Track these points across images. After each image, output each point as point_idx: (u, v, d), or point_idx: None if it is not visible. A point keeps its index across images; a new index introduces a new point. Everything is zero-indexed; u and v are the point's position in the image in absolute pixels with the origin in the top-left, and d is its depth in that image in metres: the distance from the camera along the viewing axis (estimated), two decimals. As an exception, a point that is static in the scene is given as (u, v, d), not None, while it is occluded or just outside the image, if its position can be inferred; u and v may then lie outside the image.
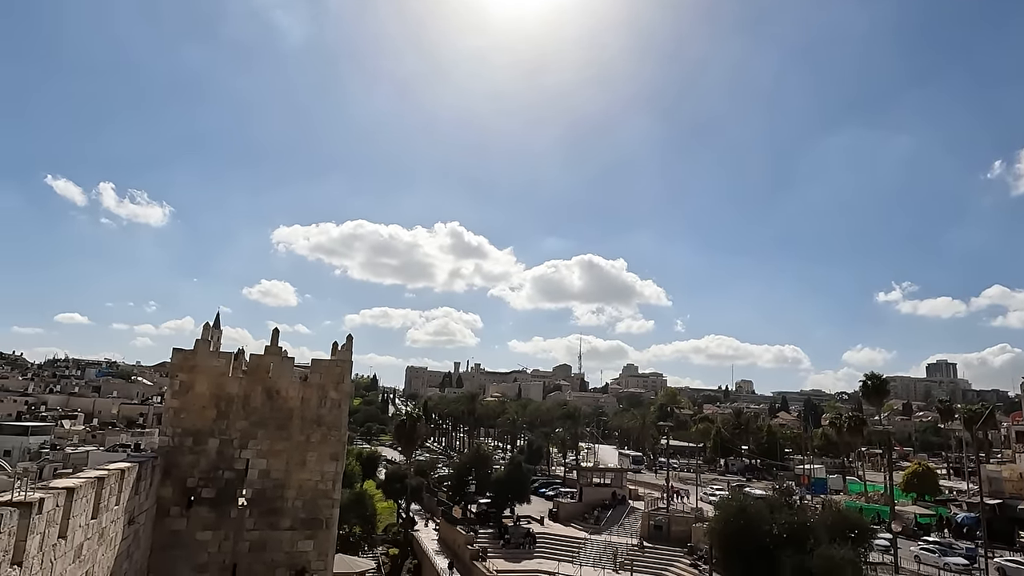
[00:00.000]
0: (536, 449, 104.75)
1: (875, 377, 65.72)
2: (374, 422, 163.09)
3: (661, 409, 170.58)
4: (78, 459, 72.02)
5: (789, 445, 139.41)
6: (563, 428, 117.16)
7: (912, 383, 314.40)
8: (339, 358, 30.17)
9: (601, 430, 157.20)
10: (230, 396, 27.78)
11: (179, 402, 27.20)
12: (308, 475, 28.23)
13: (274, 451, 27.90)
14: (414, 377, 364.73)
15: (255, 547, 26.89)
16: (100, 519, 17.52)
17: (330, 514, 28.44)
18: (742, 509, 30.83)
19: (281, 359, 29.24)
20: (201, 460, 26.91)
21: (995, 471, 71.71)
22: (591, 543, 57.94)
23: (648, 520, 59.75)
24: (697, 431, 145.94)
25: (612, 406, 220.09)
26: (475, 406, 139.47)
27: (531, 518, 64.20)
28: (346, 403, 29.85)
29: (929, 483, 78.27)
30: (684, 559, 52.01)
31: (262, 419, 28.00)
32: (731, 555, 30.15)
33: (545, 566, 53.35)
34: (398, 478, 72.77)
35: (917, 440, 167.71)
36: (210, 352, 28.50)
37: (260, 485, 27.44)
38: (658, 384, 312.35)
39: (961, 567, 43.61)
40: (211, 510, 26.44)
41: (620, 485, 72.59)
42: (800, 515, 32.26)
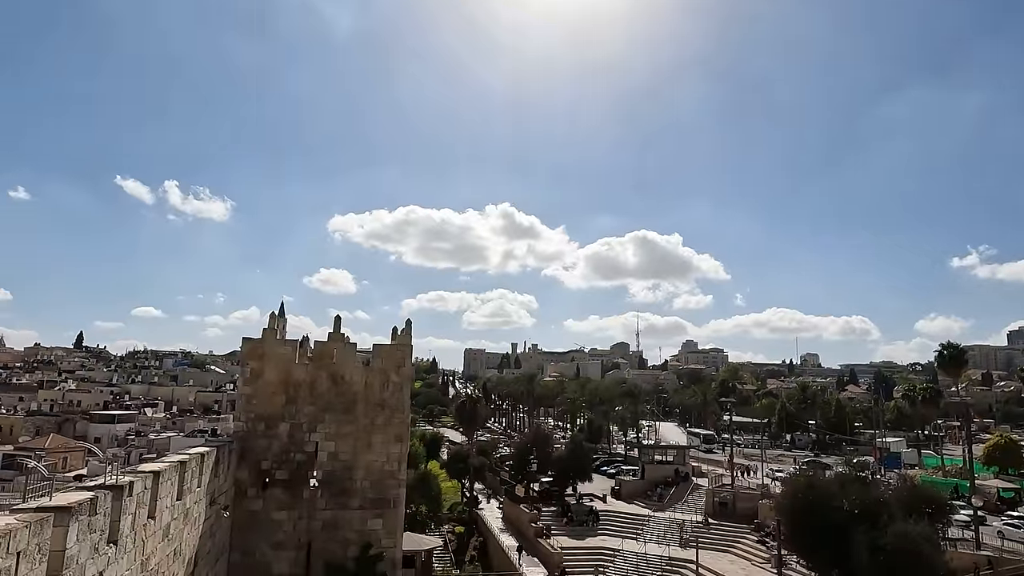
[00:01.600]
0: (596, 428, 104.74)
1: (951, 346, 62.85)
2: (435, 404, 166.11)
3: (723, 385, 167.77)
4: (161, 444, 76.29)
5: (859, 419, 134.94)
6: (623, 406, 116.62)
7: (992, 351, 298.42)
8: (399, 343, 30.90)
9: (662, 407, 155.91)
10: (298, 382, 28.91)
11: (251, 389, 28.47)
12: (374, 456, 29.20)
13: (341, 434, 28.94)
14: (472, 359, 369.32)
15: (327, 526, 28.07)
16: (184, 500, 18.58)
17: (397, 493, 29.38)
18: (811, 485, 30.21)
19: (344, 345, 30.19)
20: (273, 444, 28.19)
21: (1086, 442, 67.76)
22: (655, 520, 57.78)
23: (713, 497, 59.10)
24: (761, 406, 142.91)
25: (672, 383, 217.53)
26: (533, 386, 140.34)
27: (593, 496, 64.39)
28: (407, 386, 30.60)
29: (1012, 456, 74.48)
30: (751, 536, 51.31)
31: (328, 403, 29.05)
32: (800, 532, 29.60)
33: (609, 543, 53.57)
34: (461, 458, 74.13)
35: (998, 411, 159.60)
36: (277, 340, 29.67)
37: (330, 467, 28.56)
38: (719, 360, 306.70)
39: (1049, 543, 41.54)
40: (285, 491, 27.71)
41: (683, 462, 71.95)
42: (873, 490, 31.36)
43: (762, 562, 45.46)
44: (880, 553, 25.39)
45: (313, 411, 28.87)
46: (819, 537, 28.29)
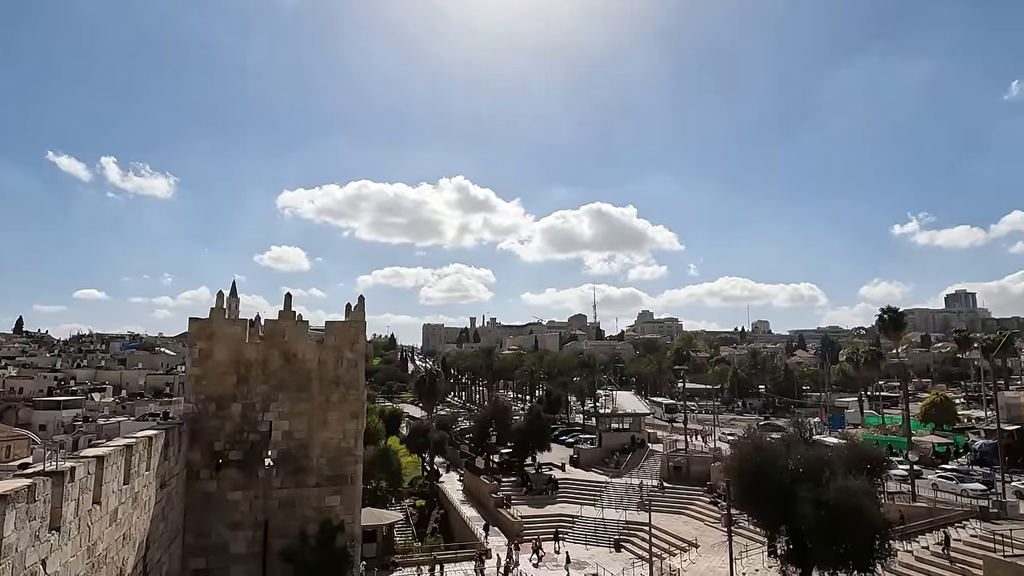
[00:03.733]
0: (555, 399, 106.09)
1: (892, 311, 65.62)
2: (394, 380, 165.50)
3: (677, 353, 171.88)
4: (110, 429, 74.23)
5: (807, 382, 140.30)
6: (580, 377, 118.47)
7: (930, 315, 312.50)
8: (352, 319, 30.61)
9: (618, 377, 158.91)
10: (249, 361, 28.41)
11: (200, 370, 27.86)
12: (330, 434, 29.03)
13: (295, 412, 28.65)
14: (431, 334, 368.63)
15: (284, 504, 27.90)
16: (132, 484, 18.19)
17: (354, 470, 29.34)
18: (758, 447, 31.25)
19: (295, 323, 29.76)
20: (226, 424, 27.74)
21: (1013, 397, 71.88)
22: (612, 486, 59.26)
23: (667, 462, 60.84)
24: (714, 373, 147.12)
25: (628, 353, 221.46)
26: (492, 360, 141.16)
27: (552, 465, 65.56)
28: (362, 362, 30.40)
29: (947, 413, 78.61)
30: (704, 497, 53.13)
31: (282, 382, 28.67)
32: (748, 492, 30.65)
33: (568, 510, 54.79)
34: (421, 433, 74.34)
35: (936, 371, 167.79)
36: (226, 320, 29.05)
37: (285, 445, 28.30)
38: (674, 329, 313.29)
39: (978, 492, 44.13)
40: (239, 471, 27.38)
41: (639, 430, 73.72)
42: (816, 450, 32.65)
43: (714, 522, 47.20)
44: (823, 508, 26.49)
45: (266, 390, 28.46)
46: (766, 496, 29.33)
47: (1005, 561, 28.53)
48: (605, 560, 43.77)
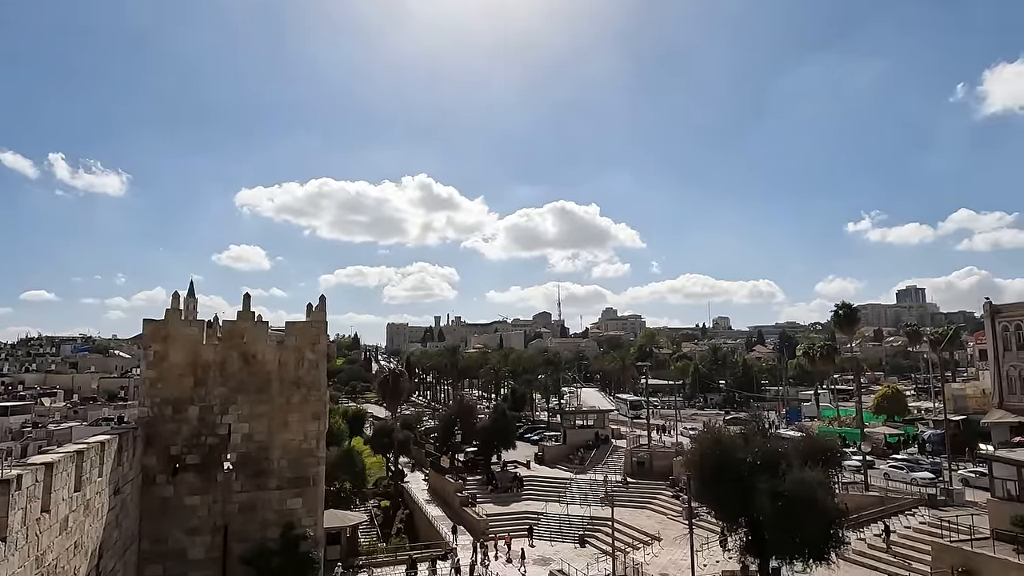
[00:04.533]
0: (520, 396, 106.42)
1: (846, 306, 67.23)
2: (358, 380, 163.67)
3: (640, 350, 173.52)
4: (61, 435, 71.67)
5: (765, 377, 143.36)
6: (545, 375, 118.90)
7: (883, 310, 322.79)
8: (313, 319, 30.22)
9: (583, 374, 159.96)
10: (206, 363, 27.83)
11: (155, 372, 27.19)
12: (291, 435, 28.62)
13: (255, 414, 28.16)
14: (395, 334, 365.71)
15: (244, 508, 27.41)
16: (84, 491, 17.68)
17: (316, 471, 28.98)
18: (717, 441, 31.82)
19: (255, 324, 29.26)
20: (183, 428, 27.12)
21: (959, 389, 74.65)
22: (576, 482, 59.75)
23: (631, 457, 61.62)
24: (676, 369, 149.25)
25: (593, 350, 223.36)
26: (457, 358, 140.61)
27: (518, 463, 65.78)
28: (323, 363, 30.02)
29: (898, 404, 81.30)
30: (666, 492, 53.97)
31: (241, 384, 28.15)
32: (708, 485, 31.19)
33: (533, 507, 55.07)
34: (385, 433, 73.78)
35: (887, 364, 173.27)
36: (182, 321, 28.44)
37: (244, 448, 27.80)
38: (637, 326, 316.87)
39: (927, 481, 45.79)
40: (197, 475, 26.80)
41: (603, 426, 74.45)
42: (773, 443, 33.39)
43: (676, 515, 47.97)
44: (779, 500, 27.13)
45: (225, 392, 27.90)
46: (726, 489, 29.91)
47: (951, 546, 29.67)
48: (570, 556, 44.12)
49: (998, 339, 65.21)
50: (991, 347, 66.22)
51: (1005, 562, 26.69)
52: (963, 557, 28.48)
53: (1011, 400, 63.36)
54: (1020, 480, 30.32)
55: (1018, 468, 30.73)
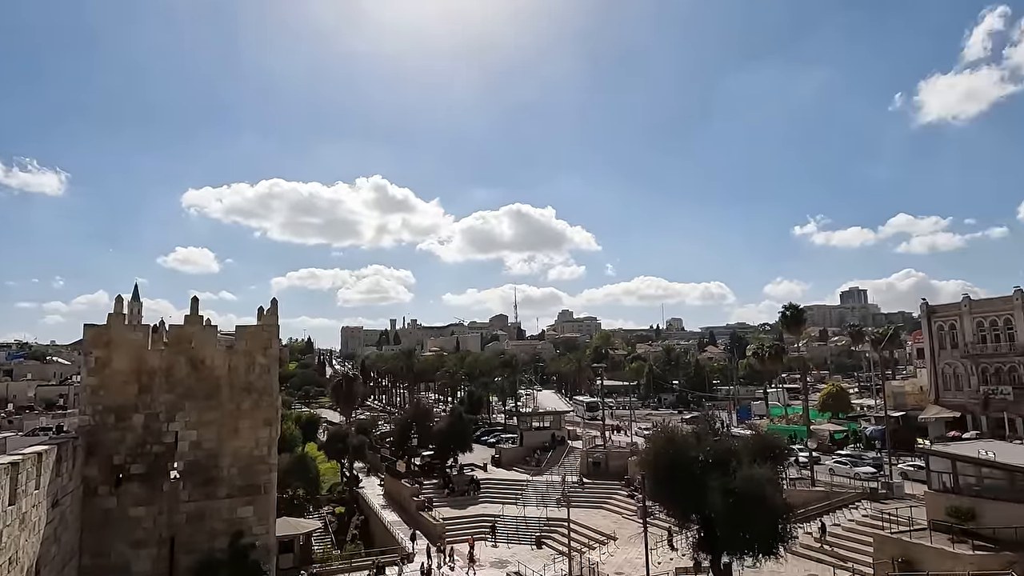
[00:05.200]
0: (476, 399, 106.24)
1: (793, 307, 69.21)
2: (312, 385, 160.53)
3: (596, 352, 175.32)
4: (-6, 447, 68.32)
5: (717, 377, 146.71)
6: (502, 377, 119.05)
7: (828, 311, 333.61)
8: (265, 323, 29.58)
9: (539, 376, 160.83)
10: (152, 369, 26.96)
11: (96, 379, 26.21)
12: (242, 442, 27.96)
13: (204, 421, 27.41)
14: (350, 337, 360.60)
15: (192, 518, 26.64)
16: (19, 504, 16.92)
17: (268, 479, 28.37)
18: (671, 440, 32.36)
19: (203, 328, 28.51)
20: (127, 436, 26.20)
21: (899, 386, 77.93)
22: (533, 484, 59.91)
23: (587, 458, 62.15)
24: (631, 370, 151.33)
25: (549, 352, 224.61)
26: (413, 361, 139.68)
27: (474, 466, 65.62)
28: (275, 368, 29.43)
29: (842, 402, 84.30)
30: (622, 491, 54.60)
31: (188, 390, 27.36)
32: (662, 484, 31.69)
33: (490, 510, 54.97)
34: (339, 438, 72.65)
35: (832, 363, 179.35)
36: (126, 326, 27.49)
37: (192, 456, 27.03)
38: (592, 328, 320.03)
39: (869, 475, 47.57)
40: (142, 485, 25.93)
41: (559, 427, 74.89)
42: (724, 441, 34.15)
43: (631, 515, 48.56)
44: (730, 496, 27.77)
45: (171, 399, 27.07)
46: (679, 487, 30.44)
47: (891, 538, 30.88)
48: (527, 557, 44.21)
49: (934, 338, 68.30)
50: (927, 346, 69.31)
51: (941, 551, 27.94)
52: (902, 548, 29.68)
53: (946, 396, 66.46)
54: (955, 473, 31.73)
55: (952, 461, 32.14)
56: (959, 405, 64.17)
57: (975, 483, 31.07)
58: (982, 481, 30.88)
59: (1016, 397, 58.63)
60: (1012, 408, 58.93)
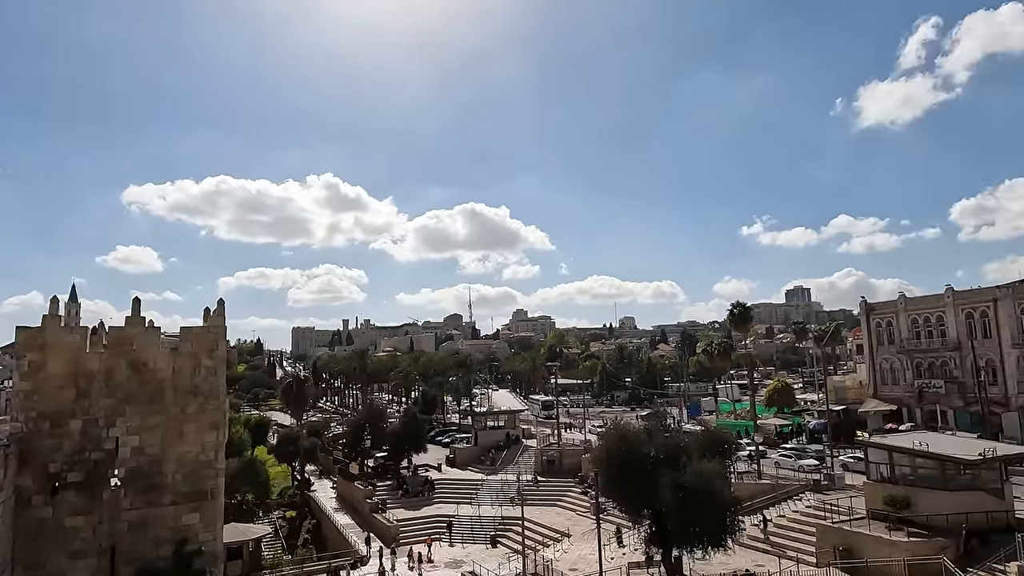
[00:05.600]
0: (431, 399, 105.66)
1: (740, 305, 71.04)
2: (261, 387, 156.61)
3: (550, 351, 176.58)
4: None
5: (668, 374, 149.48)
6: (457, 377, 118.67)
7: (774, 308, 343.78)
8: (211, 324, 28.79)
9: (494, 375, 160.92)
10: (90, 373, 25.94)
11: (30, 384, 25.08)
12: (187, 447, 27.16)
13: (147, 426, 26.51)
14: (301, 338, 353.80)
15: (135, 526, 25.75)
16: (-56, 517, 16.01)
17: (215, 484, 27.63)
18: (623, 437, 32.80)
19: (145, 330, 27.57)
20: (64, 443, 25.15)
21: (840, 381, 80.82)
22: (488, 483, 59.98)
23: (541, 456, 62.54)
24: (584, 368, 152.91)
25: (504, 351, 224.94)
26: (366, 362, 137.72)
27: (429, 466, 65.28)
28: (222, 370, 28.67)
29: (787, 397, 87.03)
30: (575, 488, 55.14)
31: (130, 394, 26.42)
32: (614, 480, 32.11)
33: (444, 510, 54.78)
34: (290, 441, 71.27)
35: (778, 359, 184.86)
36: (62, 328, 26.41)
37: (134, 463, 26.12)
38: (547, 327, 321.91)
39: (813, 467, 49.28)
40: (80, 494, 24.94)
41: (514, 426, 75.11)
42: (675, 438, 34.84)
43: (585, 511, 49.11)
44: (680, 491, 28.33)
45: (111, 404, 26.06)
46: (631, 483, 30.89)
47: (833, 527, 32.07)
48: (482, 557, 44.23)
49: (872, 335, 71.16)
50: (866, 342, 72.17)
51: (879, 539, 29.15)
52: (843, 536, 30.86)
53: (884, 390, 69.33)
54: (891, 463, 33.14)
55: (889, 452, 33.56)
56: (896, 398, 67.03)
57: (910, 473, 32.53)
58: (916, 471, 32.36)
59: (948, 390, 61.55)
60: (944, 400, 61.87)
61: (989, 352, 58.94)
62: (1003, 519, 29.61)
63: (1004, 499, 30.55)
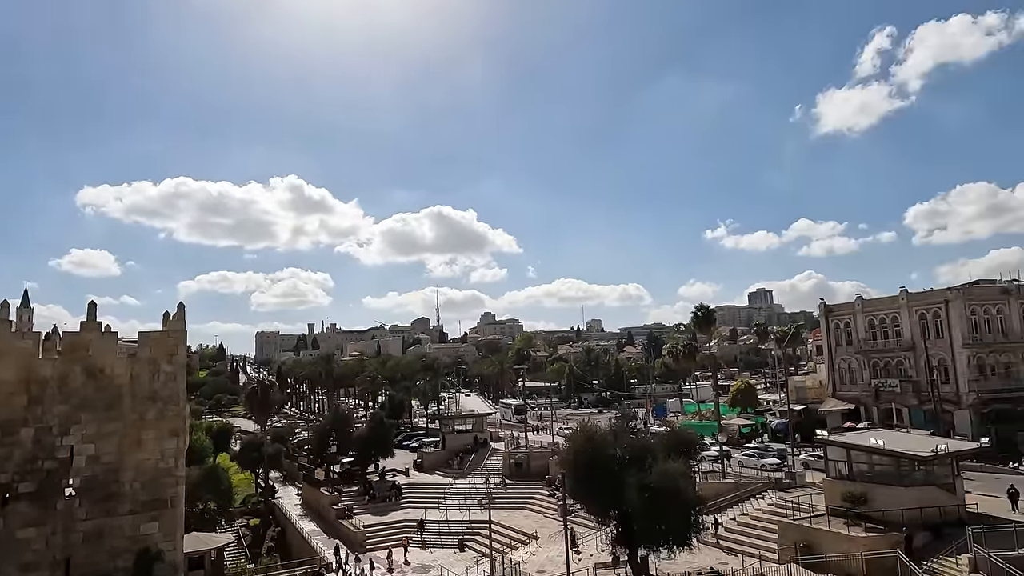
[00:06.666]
0: (398, 403, 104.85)
1: (704, 308, 72.28)
2: (224, 393, 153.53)
3: (518, 354, 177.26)
4: None
5: (634, 376, 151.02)
6: (424, 380, 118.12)
7: (737, 311, 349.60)
8: (170, 328, 28.16)
9: (462, 379, 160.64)
10: (43, 379, 25.18)
11: (-22, 391, 24.15)
12: (146, 455, 26.52)
13: (103, 434, 25.81)
14: (265, 343, 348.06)
15: (90, 537, 25.04)
16: None
17: (175, 492, 27.03)
18: (590, 438, 33.07)
19: (101, 335, 26.82)
20: (14, 452, 24.37)
21: (801, 381, 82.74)
22: (456, 487, 59.76)
23: (509, 459, 62.59)
24: (552, 371, 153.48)
25: (472, 355, 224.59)
26: (332, 366, 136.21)
27: (396, 471, 64.76)
28: (182, 375, 28.07)
29: (750, 397, 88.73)
30: (543, 491, 55.30)
31: (85, 401, 25.70)
32: (581, 482, 32.34)
33: (412, 515, 54.35)
34: (254, 447, 69.98)
35: (741, 361, 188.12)
36: (12, 333, 25.63)
37: (90, 472, 25.41)
38: (515, 330, 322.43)
39: (775, 466, 50.32)
40: (32, 505, 24.18)
41: (481, 429, 75.03)
42: (641, 439, 35.24)
43: (553, 514, 49.23)
44: (646, 491, 28.67)
45: (65, 411, 25.29)
46: (598, 484, 31.14)
47: (794, 524, 32.84)
48: (449, 561, 44.04)
49: (831, 336, 72.95)
50: (826, 343, 73.94)
51: (838, 535, 29.93)
52: (803, 532, 31.60)
53: (842, 390, 71.12)
54: (849, 461, 34.08)
55: (847, 450, 34.51)
56: (854, 397, 68.82)
57: (867, 470, 33.48)
58: (873, 468, 33.32)
59: (903, 389, 63.44)
60: (899, 399, 63.76)
61: (941, 352, 60.96)
62: (955, 513, 30.69)
63: (956, 494, 31.68)
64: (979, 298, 62.02)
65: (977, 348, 59.50)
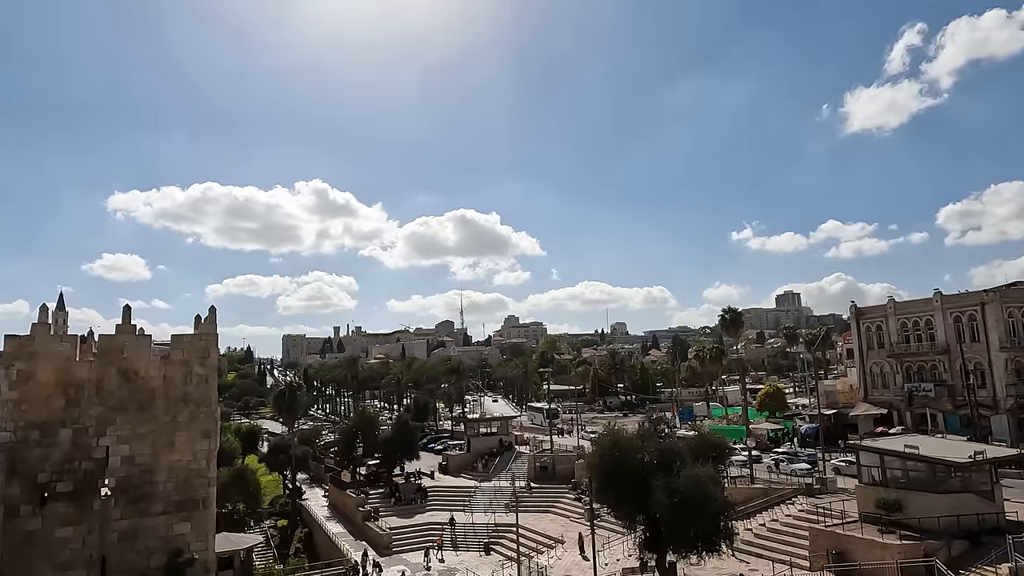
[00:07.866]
0: (423, 406, 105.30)
1: (731, 311, 71.64)
2: (252, 395, 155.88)
3: (542, 357, 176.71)
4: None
5: (660, 379, 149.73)
6: (448, 383, 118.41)
7: (764, 313, 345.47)
8: (202, 331, 28.58)
9: (486, 381, 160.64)
10: (80, 382, 25.69)
11: (18, 393, 24.79)
12: (178, 456, 26.89)
13: (137, 435, 26.25)
14: (292, 345, 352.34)
15: (125, 537, 25.46)
16: (-68, 529, 15.80)
17: (206, 493, 27.37)
18: (615, 442, 32.83)
19: (135, 337, 27.32)
20: (52, 453, 24.86)
21: (831, 385, 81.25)
22: (481, 490, 59.79)
23: (534, 462, 62.44)
24: (576, 374, 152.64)
25: (496, 357, 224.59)
26: (357, 369, 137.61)
27: (421, 473, 65.03)
28: (214, 378, 28.46)
29: (779, 401, 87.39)
30: (569, 494, 55.07)
31: (120, 403, 26.16)
32: (608, 486, 32.10)
33: (437, 517, 54.53)
34: (281, 449, 70.86)
35: (769, 364, 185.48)
36: (51, 336, 26.17)
37: (125, 472, 25.83)
38: (538, 333, 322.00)
39: (805, 471, 49.49)
40: (69, 504, 24.63)
41: (506, 432, 75.01)
42: (668, 443, 34.89)
43: (579, 518, 49.04)
44: (674, 496, 28.36)
45: (102, 412, 25.79)
46: (625, 488, 30.89)
47: (825, 530, 32.21)
48: (475, 564, 44.06)
49: (862, 339, 71.59)
50: (856, 346, 72.59)
51: (871, 542, 29.29)
52: (835, 539, 30.99)
53: (874, 394, 69.74)
54: (883, 467, 33.34)
55: (881, 456, 33.77)
56: (886, 402, 67.45)
57: (901, 476, 32.72)
58: (907, 474, 32.54)
59: (937, 393, 62.03)
60: (933, 404, 62.32)
61: (978, 355, 59.46)
62: (994, 521, 29.86)
63: (994, 501, 30.81)
64: (1017, 300, 60.43)
65: (1015, 351, 57.96)
